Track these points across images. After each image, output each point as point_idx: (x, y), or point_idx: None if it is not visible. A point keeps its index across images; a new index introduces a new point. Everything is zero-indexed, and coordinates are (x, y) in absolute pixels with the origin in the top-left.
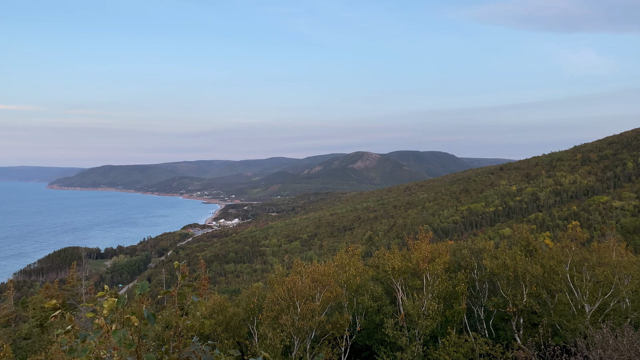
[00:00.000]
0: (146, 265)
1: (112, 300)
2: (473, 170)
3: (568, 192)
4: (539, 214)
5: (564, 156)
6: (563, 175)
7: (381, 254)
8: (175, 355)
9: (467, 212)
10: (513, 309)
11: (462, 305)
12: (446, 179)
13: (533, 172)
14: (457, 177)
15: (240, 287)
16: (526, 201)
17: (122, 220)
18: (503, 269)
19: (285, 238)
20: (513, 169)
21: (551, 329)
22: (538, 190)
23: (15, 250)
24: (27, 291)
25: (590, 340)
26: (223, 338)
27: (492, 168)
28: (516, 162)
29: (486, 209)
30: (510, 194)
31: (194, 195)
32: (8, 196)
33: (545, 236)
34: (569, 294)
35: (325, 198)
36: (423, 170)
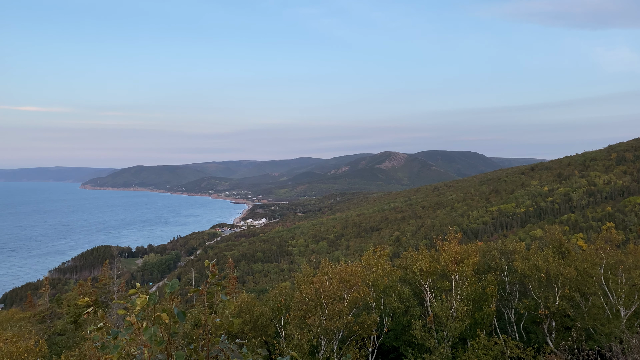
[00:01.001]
0: (176, 264)
1: (143, 298)
2: (503, 170)
3: (602, 192)
4: (571, 215)
5: (598, 156)
6: (597, 175)
7: (409, 255)
8: (203, 353)
9: (497, 212)
10: (545, 312)
11: (491, 307)
12: (475, 179)
13: (565, 172)
14: (486, 177)
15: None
16: (558, 202)
17: (153, 219)
18: (535, 271)
19: (312, 238)
20: (544, 169)
21: (585, 333)
22: (571, 191)
23: (52, 248)
24: (62, 288)
25: (626, 345)
26: (250, 337)
27: (522, 168)
28: (548, 162)
29: (517, 209)
30: (542, 195)
31: (222, 195)
32: (44, 196)
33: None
34: (604, 297)
35: (352, 198)
36: (452, 170)
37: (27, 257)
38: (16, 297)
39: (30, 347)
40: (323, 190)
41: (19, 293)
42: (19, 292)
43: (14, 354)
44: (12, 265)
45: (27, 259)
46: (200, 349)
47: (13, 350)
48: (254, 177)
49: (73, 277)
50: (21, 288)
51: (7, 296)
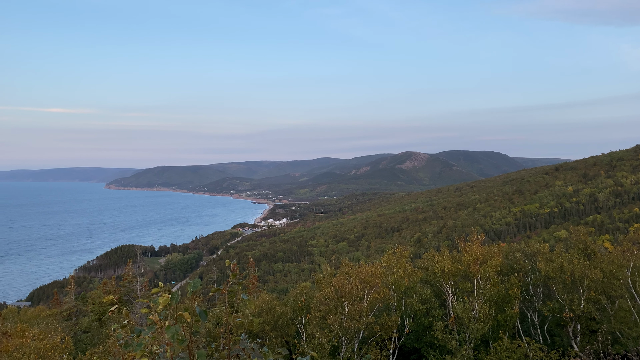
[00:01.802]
0: (198, 263)
1: (166, 296)
2: (527, 171)
3: (629, 193)
4: (597, 216)
5: (625, 155)
6: (624, 175)
7: (430, 256)
8: (225, 352)
9: (520, 213)
10: (570, 315)
11: (514, 309)
12: (498, 179)
13: (591, 173)
14: (509, 178)
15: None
16: (583, 202)
17: (176, 219)
18: (559, 273)
19: (332, 238)
20: (569, 169)
21: (611, 336)
22: (596, 191)
23: (78, 247)
24: (87, 286)
25: None
26: (271, 336)
27: (546, 168)
28: (572, 162)
29: (540, 210)
30: (567, 195)
31: (244, 195)
32: (70, 196)
33: (605, 239)
34: (631, 300)
35: (373, 199)
36: (474, 171)
37: (55, 256)
38: (43, 294)
39: (57, 343)
40: (343, 191)
41: (45, 291)
42: (45, 290)
43: (41, 351)
44: (41, 263)
45: (54, 257)
46: (222, 348)
47: (40, 347)
48: (274, 177)
49: (98, 275)
50: (48, 286)
51: (34, 294)
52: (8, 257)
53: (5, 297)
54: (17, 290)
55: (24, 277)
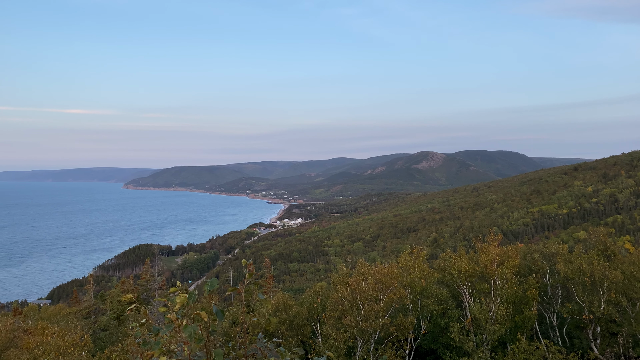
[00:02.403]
0: (214, 262)
1: (183, 295)
2: (545, 171)
3: None
4: (617, 217)
5: None
6: None
7: (447, 257)
8: (241, 351)
9: (538, 214)
10: (589, 317)
11: (532, 310)
12: (516, 179)
13: (611, 173)
14: (527, 178)
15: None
16: (603, 203)
17: (193, 218)
18: (578, 274)
19: (347, 238)
20: (589, 169)
21: (632, 339)
22: (617, 192)
23: (97, 245)
24: (105, 285)
25: None
26: (287, 336)
27: (565, 168)
28: (592, 162)
29: (559, 211)
30: (586, 196)
31: (259, 195)
32: (90, 196)
33: (625, 240)
34: None
35: (389, 199)
36: (491, 171)
37: (75, 254)
38: (63, 293)
39: (76, 341)
40: (359, 191)
41: (65, 289)
42: (65, 288)
43: (61, 348)
44: (62, 261)
45: (74, 256)
46: (238, 347)
47: (60, 344)
48: (290, 177)
49: (116, 274)
50: (67, 284)
51: (54, 292)
52: (30, 255)
53: (29, 294)
54: (40, 288)
55: (45, 275)
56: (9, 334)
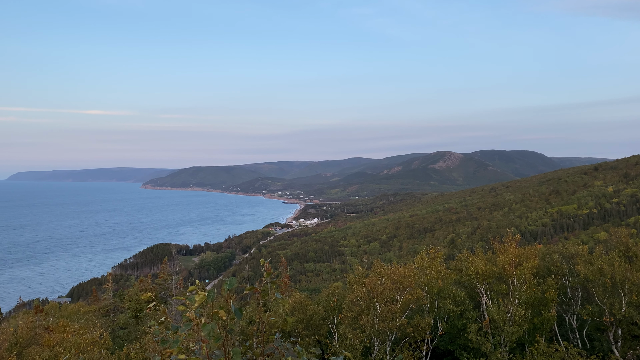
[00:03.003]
0: (231, 262)
1: (202, 294)
2: (564, 170)
3: None
4: (639, 217)
5: None
6: None
7: (464, 257)
8: (258, 350)
9: (557, 214)
10: (610, 319)
11: (551, 312)
12: (534, 179)
13: (633, 172)
14: (546, 178)
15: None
16: (624, 203)
17: (210, 218)
18: (599, 276)
19: (364, 239)
20: (609, 169)
21: None
22: (639, 192)
23: (117, 244)
24: (124, 284)
25: None
26: (303, 336)
27: (585, 168)
28: (613, 162)
29: (579, 211)
30: (606, 196)
31: (275, 195)
32: (108, 195)
33: None
34: None
35: (405, 199)
36: (509, 171)
37: (95, 253)
38: (82, 291)
39: (96, 339)
40: (375, 191)
41: (85, 287)
42: (85, 287)
43: (81, 345)
44: (83, 260)
45: (95, 255)
46: (255, 346)
47: (80, 342)
48: (306, 177)
49: (134, 273)
50: (87, 283)
51: (74, 290)
52: (52, 253)
53: (53, 292)
54: (62, 287)
55: (67, 274)
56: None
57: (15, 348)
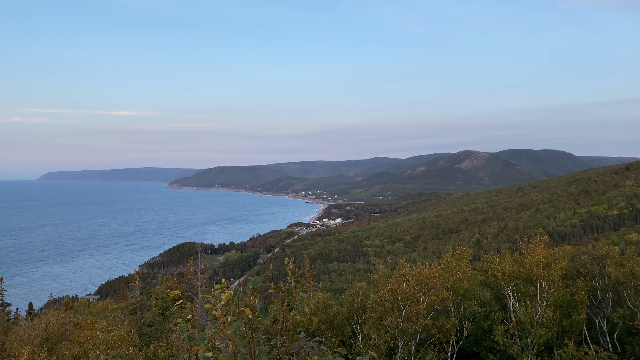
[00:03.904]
0: (255, 261)
1: (228, 292)
2: (594, 170)
3: None
4: None
5: None
6: None
7: (490, 258)
8: (283, 349)
9: (586, 215)
10: None
11: (581, 315)
12: (563, 179)
13: None
14: (575, 177)
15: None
16: None
17: (235, 217)
18: (630, 278)
19: (387, 239)
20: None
21: None
22: None
23: (145, 243)
24: (150, 282)
25: None
26: (327, 335)
27: (616, 167)
28: None
29: (609, 212)
30: (638, 196)
31: (299, 195)
32: (136, 195)
33: None
34: None
35: (430, 199)
36: (537, 170)
37: (125, 251)
38: (110, 289)
39: (123, 336)
40: (399, 191)
41: (112, 285)
42: (112, 285)
43: (109, 342)
44: (113, 257)
45: (124, 253)
46: (280, 345)
47: (108, 339)
48: (329, 177)
49: (161, 271)
50: (115, 281)
51: (102, 288)
52: (83, 251)
53: (85, 289)
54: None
55: (97, 271)
56: (61, 328)
57: (46, 344)
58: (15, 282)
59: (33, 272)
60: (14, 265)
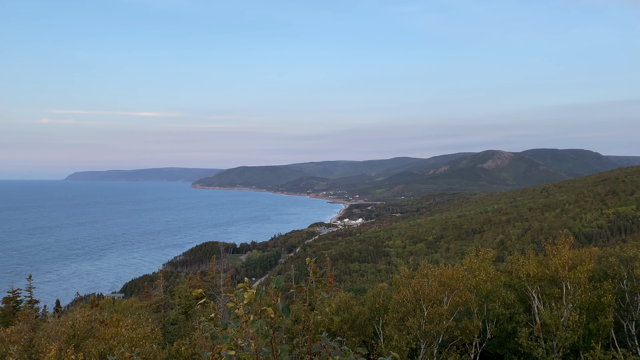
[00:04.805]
0: (276, 260)
1: (251, 291)
2: (621, 170)
3: None
4: None
5: None
6: None
7: (514, 259)
8: (304, 348)
9: (614, 215)
10: None
11: (608, 318)
12: (589, 179)
13: None
14: (602, 177)
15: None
16: None
17: (257, 217)
18: None
19: (409, 239)
20: None
21: None
22: None
23: (170, 242)
24: (174, 281)
25: None
26: (349, 336)
27: None
28: None
29: (638, 212)
30: None
31: (320, 195)
32: (160, 195)
33: None
34: None
35: (452, 199)
36: (562, 170)
37: (150, 249)
38: (134, 287)
39: (148, 334)
40: (421, 191)
41: (137, 284)
42: (137, 283)
43: (134, 339)
44: (139, 256)
45: (150, 251)
46: (301, 344)
47: (133, 336)
48: (350, 177)
49: (184, 270)
50: (139, 279)
51: (127, 286)
52: (110, 250)
53: (113, 287)
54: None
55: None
56: (87, 325)
57: (73, 340)
58: (46, 279)
59: (63, 269)
60: (44, 262)
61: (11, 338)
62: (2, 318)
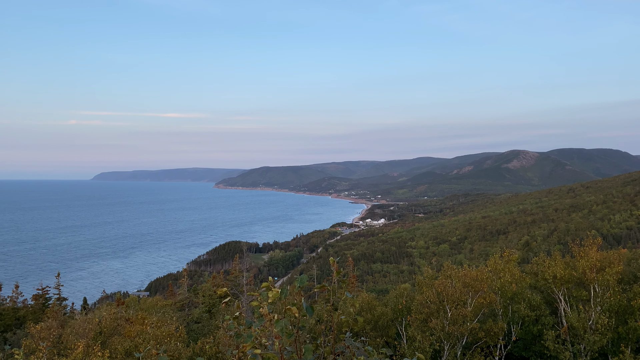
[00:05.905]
0: (299, 260)
1: (276, 290)
2: None
3: None
4: None
5: None
6: None
7: (540, 261)
8: (328, 348)
9: None
10: None
11: (638, 322)
12: (618, 179)
13: None
14: (631, 177)
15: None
16: None
17: (280, 217)
18: None
19: (432, 240)
20: None
21: None
22: None
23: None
24: (198, 279)
25: None
26: (372, 336)
27: None
28: None
29: None
30: None
31: (342, 195)
32: (185, 194)
33: None
34: None
35: (476, 200)
36: (589, 170)
37: (176, 248)
38: (159, 285)
39: (172, 332)
40: (444, 191)
41: (161, 282)
42: (161, 282)
43: (159, 337)
44: (164, 254)
45: (175, 249)
46: (324, 344)
47: (158, 334)
48: (372, 177)
49: (207, 269)
50: (164, 278)
51: (151, 285)
52: (138, 249)
53: (142, 284)
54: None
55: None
56: (113, 322)
57: (100, 337)
58: (78, 276)
59: (93, 266)
60: (76, 260)
61: (41, 334)
62: (32, 315)
